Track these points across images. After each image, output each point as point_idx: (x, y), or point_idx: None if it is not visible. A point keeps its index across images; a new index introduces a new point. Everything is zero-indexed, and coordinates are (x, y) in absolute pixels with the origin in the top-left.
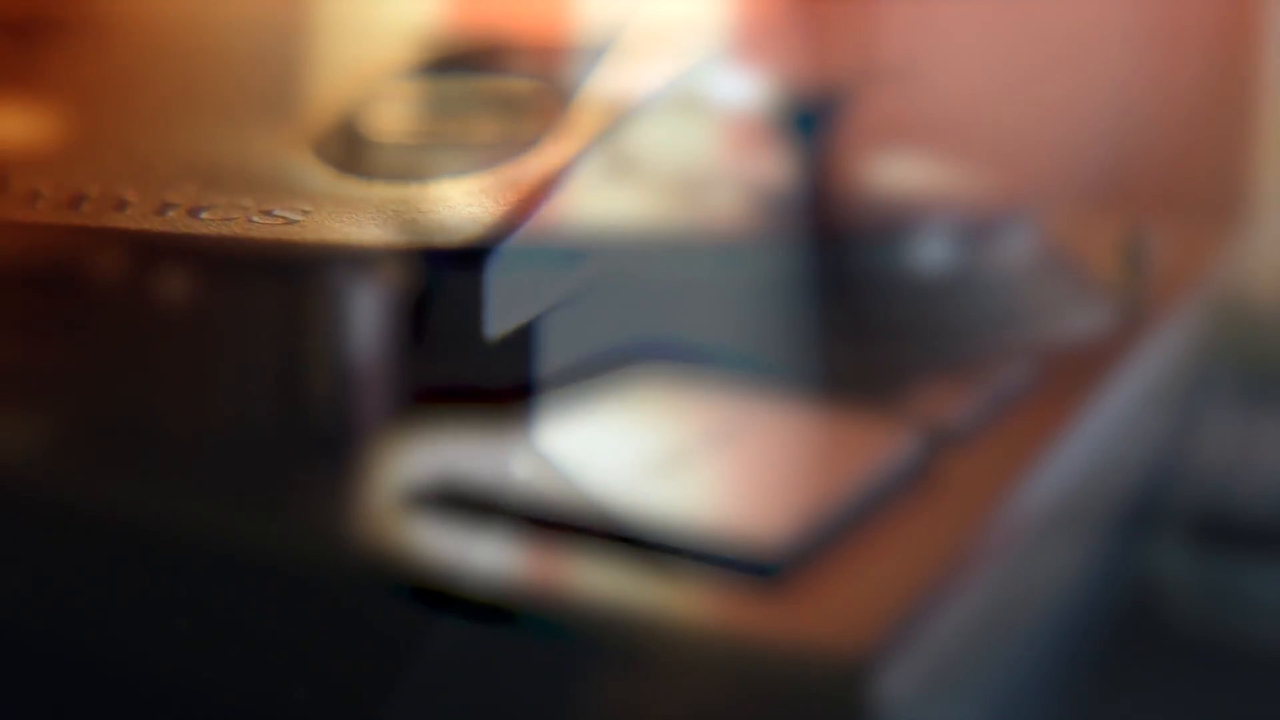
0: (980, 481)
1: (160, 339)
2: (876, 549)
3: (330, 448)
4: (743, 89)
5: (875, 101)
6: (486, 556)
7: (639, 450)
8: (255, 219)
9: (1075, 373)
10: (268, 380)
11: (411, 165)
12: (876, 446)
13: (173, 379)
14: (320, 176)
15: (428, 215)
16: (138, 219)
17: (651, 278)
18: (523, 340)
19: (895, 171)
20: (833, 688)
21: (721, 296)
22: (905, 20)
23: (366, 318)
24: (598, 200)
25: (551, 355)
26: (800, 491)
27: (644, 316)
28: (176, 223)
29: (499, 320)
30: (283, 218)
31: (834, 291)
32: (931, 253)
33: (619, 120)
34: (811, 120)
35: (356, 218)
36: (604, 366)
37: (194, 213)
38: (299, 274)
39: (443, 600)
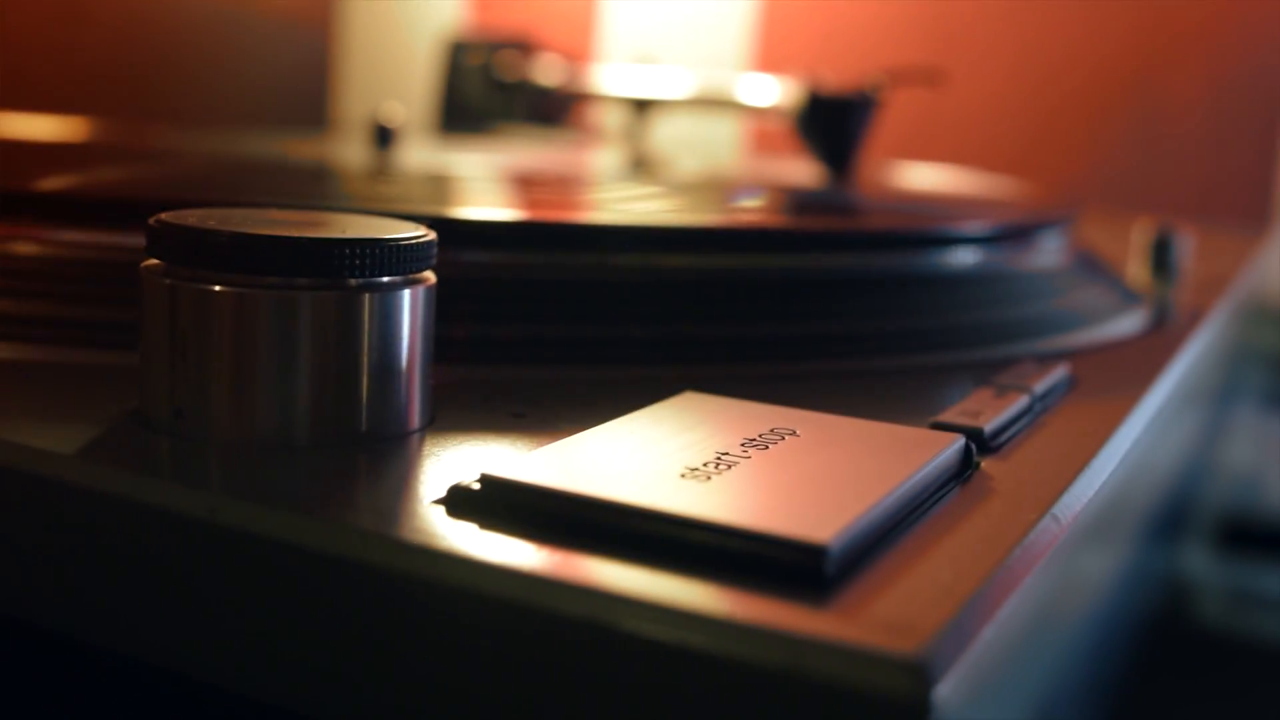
0: (1025, 486)
1: (211, 338)
2: (926, 551)
3: (377, 447)
4: (772, 91)
5: (905, 104)
6: (529, 555)
7: (685, 452)
8: (281, 219)
9: (1112, 377)
10: (314, 380)
11: (434, 162)
12: (922, 450)
13: (222, 378)
14: (345, 176)
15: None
16: (172, 217)
17: (679, 275)
18: (564, 333)
19: (926, 175)
20: (890, 688)
21: (751, 296)
22: (932, 24)
23: (410, 318)
24: (626, 197)
25: (588, 348)
26: (848, 494)
27: (671, 313)
28: (207, 219)
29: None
30: (308, 217)
31: (866, 294)
32: (964, 257)
33: (644, 119)
34: (841, 123)
35: (381, 216)
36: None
37: (220, 210)
38: (342, 275)
39: (486, 599)
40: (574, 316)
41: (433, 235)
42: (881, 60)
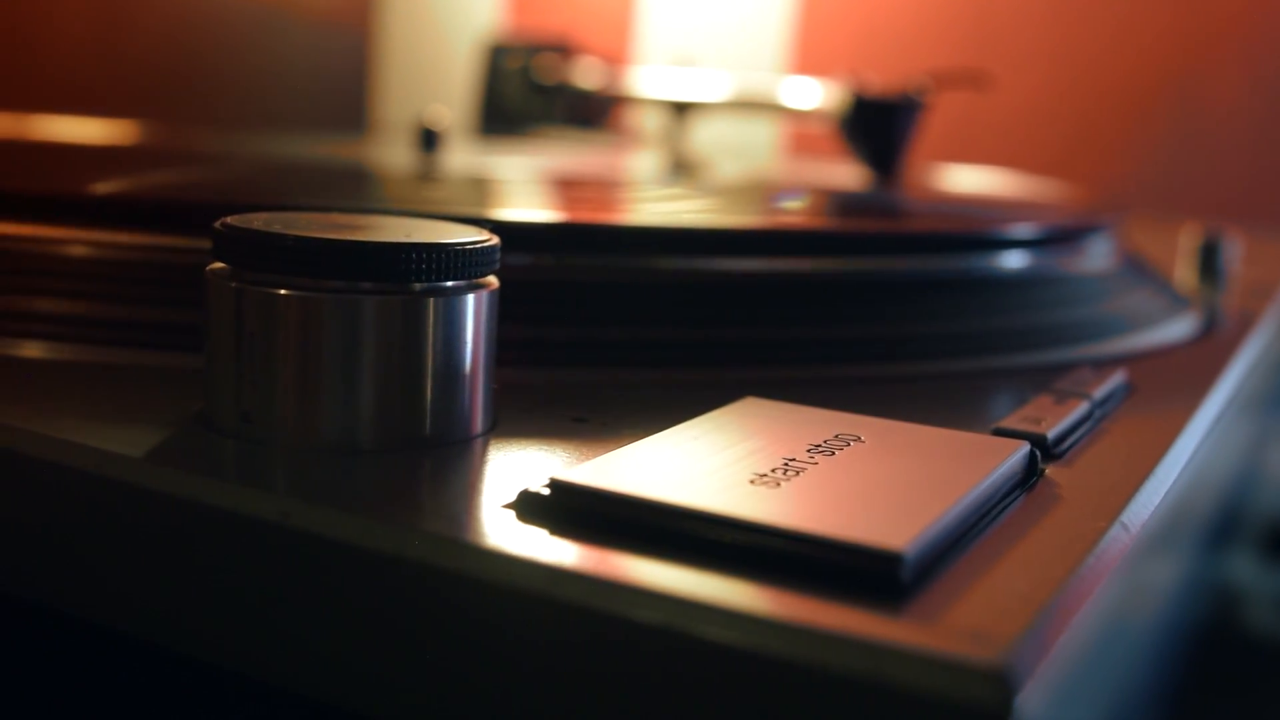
0: (1092, 494)
1: (277, 342)
2: (999, 559)
3: (441, 451)
4: (814, 94)
5: (942, 106)
6: (602, 561)
7: (752, 458)
8: (344, 223)
9: (1168, 383)
10: (379, 384)
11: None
12: (988, 457)
13: (288, 382)
14: (396, 179)
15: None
16: (238, 221)
17: (732, 279)
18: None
19: (969, 178)
20: (973, 696)
21: (805, 299)
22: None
23: (474, 322)
24: (675, 200)
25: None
26: (920, 501)
27: (725, 316)
28: (272, 222)
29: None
30: (371, 221)
31: (918, 298)
32: (1017, 260)
33: (684, 122)
34: (887, 125)
35: (442, 220)
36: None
37: (284, 213)
38: (408, 279)
39: (560, 604)
40: (629, 320)
41: (496, 239)
42: (919, 62)
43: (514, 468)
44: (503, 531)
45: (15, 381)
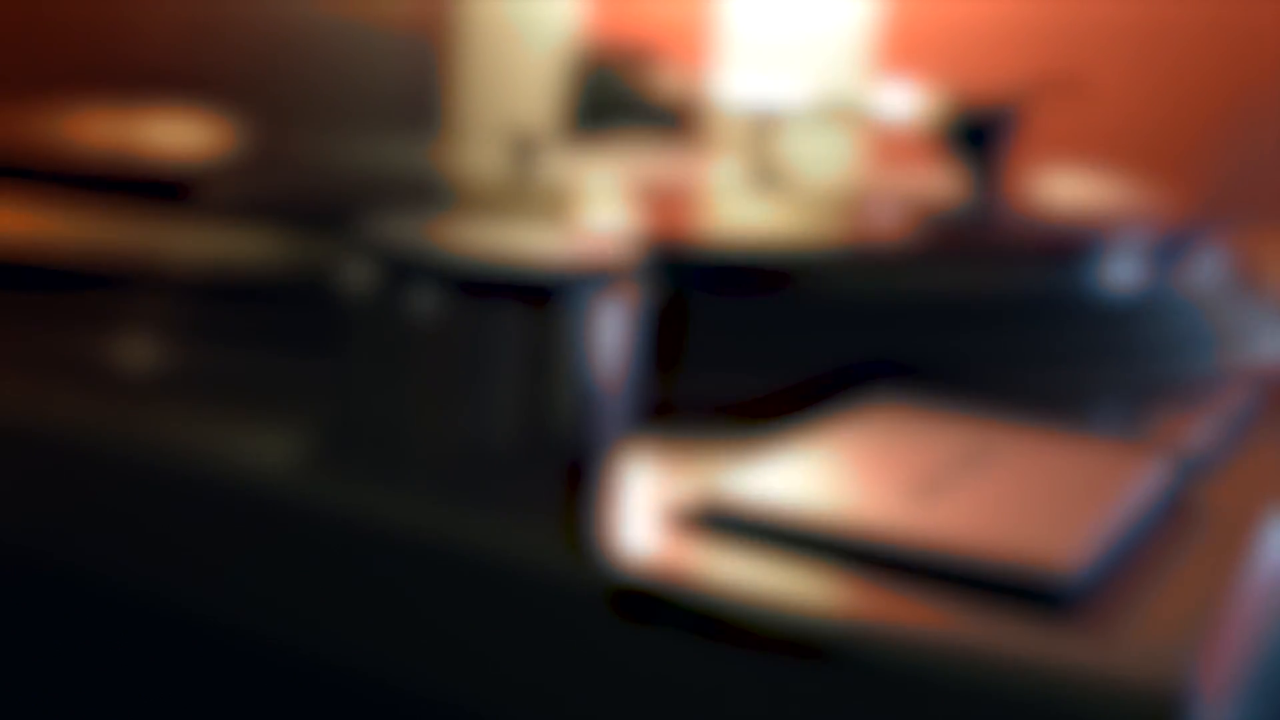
0: (1243, 512)
1: (404, 353)
2: (1160, 579)
3: (577, 465)
4: (907, 101)
5: (1050, 114)
6: (765, 576)
7: (899, 470)
8: (481, 229)
9: None
10: (512, 396)
11: (562, 174)
12: (1138, 472)
13: (418, 393)
14: (494, 186)
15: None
16: (372, 227)
17: (856, 289)
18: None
19: (1074, 187)
20: (1147, 717)
21: (900, 315)
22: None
23: (610, 334)
24: (752, 214)
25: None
26: (1077, 517)
27: (834, 334)
28: (405, 229)
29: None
30: (508, 228)
31: (1044, 309)
32: (1121, 273)
33: (767, 131)
34: (984, 133)
35: (561, 227)
36: (839, 385)
37: (416, 219)
38: (541, 290)
39: (709, 625)
40: (755, 330)
41: (639, 250)
42: (1005, 70)
43: (656, 479)
44: (657, 545)
45: (128, 385)
